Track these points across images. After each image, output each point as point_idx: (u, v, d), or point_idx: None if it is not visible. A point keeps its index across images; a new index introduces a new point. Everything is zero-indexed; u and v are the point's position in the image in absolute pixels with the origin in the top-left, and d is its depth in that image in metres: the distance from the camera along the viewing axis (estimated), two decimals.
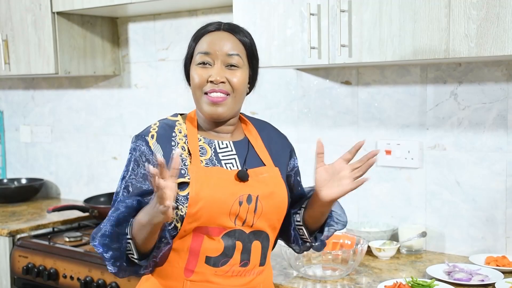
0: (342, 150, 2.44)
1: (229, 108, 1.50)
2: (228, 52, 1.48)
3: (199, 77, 1.49)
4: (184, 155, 1.48)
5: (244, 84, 1.52)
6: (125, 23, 3.08)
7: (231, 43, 1.50)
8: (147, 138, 1.48)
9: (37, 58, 2.90)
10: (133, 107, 3.11)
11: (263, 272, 1.56)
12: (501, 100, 2.10)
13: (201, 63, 1.49)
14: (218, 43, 1.49)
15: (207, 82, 1.48)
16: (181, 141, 1.50)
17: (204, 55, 1.49)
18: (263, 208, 1.49)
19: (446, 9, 1.79)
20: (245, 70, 1.52)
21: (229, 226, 1.46)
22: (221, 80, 1.47)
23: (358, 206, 2.45)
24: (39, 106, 3.51)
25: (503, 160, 2.12)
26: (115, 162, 3.20)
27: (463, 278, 1.89)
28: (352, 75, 2.40)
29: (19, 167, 3.67)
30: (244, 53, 1.52)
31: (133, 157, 1.49)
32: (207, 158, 1.50)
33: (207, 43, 1.50)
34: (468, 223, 2.21)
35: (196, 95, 1.51)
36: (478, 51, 1.75)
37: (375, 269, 2.07)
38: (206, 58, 1.49)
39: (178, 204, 1.44)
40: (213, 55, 1.48)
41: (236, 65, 1.49)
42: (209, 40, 1.50)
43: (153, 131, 1.50)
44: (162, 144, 1.48)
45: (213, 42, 1.49)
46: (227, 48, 1.49)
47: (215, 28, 1.52)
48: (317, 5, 2.02)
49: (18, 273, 2.62)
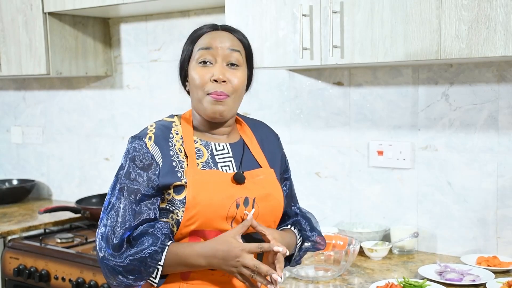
0: (334, 151, 2.47)
1: (229, 108, 1.49)
2: (230, 47, 1.48)
3: (201, 77, 1.47)
4: (181, 157, 1.47)
5: (243, 85, 1.51)
6: (117, 23, 3.07)
7: (231, 40, 1.50)
8: (145, 140, 1.46)
9: (28, 59, 2.89)
10: (125, 108, 3.10)
11: None
12: (492, 101, 2.11)
13: (202, 62, 1.47)
14: (219, 39, 1.48)
15: (210, 81, 1.46)
16: (178, 143, 1.49)
17: (206, 50, 1.47)
18: (260, 210, 1.49)
19: (438, 10, 1.79)
20: (244, 70, 1.51)
21: (226, 228, 1.45)
22: (224, 79, 1.46)
23: (350, 207, 2.45)
24: (31, 107, 3.50)
25: (494, 161, 2.13)
26: (107, 163, 3.19)
27: (455, 278, 1.90)
28: (344, 76, 2.41)
29: (10, 168, 3.65)
30: (243, 52, 1.52)
31: (129, 158, 1.47)
32: (204, 161, 1.49)
33: (207, 39, 1.49)
34: (460, 224, 2.22)
35: (198, 95, 1.48)
36: (469, 52, 1.75)
37: (367, 270, 2.08)
38: (207, 55, 1.47)
39: (174, 208, 1.44)
40: (215, 50, 1.47)
41: (236, 64, 1.49)
42: (209, 37, 1.49)
43: (150, 132, 1.48)
44: (160, 145, 1.46)
45: (214, 38, 1.49)
46: (228, 44, 1.48)
47: (212, 28, 1.52)
48: (309, 6, 2.02)
49: (9, 275, 2.61)
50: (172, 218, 1.45)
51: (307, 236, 1.62)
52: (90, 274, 2.35)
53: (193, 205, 1.42)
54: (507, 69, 2.08)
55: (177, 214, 1.44)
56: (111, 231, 1.42)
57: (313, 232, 1.63)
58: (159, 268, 1.42)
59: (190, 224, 1.43)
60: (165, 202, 1.46)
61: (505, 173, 2.12)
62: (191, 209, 1.42)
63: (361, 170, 2.41)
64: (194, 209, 1.42)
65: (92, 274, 2.34)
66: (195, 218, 1.42)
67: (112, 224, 1.43)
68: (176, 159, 1.46)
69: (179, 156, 1.47)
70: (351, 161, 2.43)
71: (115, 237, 1.42)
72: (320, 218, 2.49)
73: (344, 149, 2.44)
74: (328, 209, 2.50)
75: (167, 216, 1.46)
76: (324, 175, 2.50)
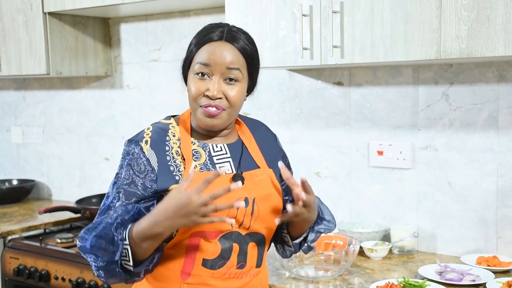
0: (334, 151, 2.47)
1: (224, 121, 1.47)
2: (228, 65, 1.44)
3: (196, 90, 1.45)
4: (178, 161, 1.47)
5: (241, 99, 1.48)
6: (117, 23, 3.07)
7: (231, 56, 1.45)
8: (141, 144, 1.46)
9: (28, 59, 2.89)
10: (125, 108, 3.10)
11: (259, 274, 1.56)
12: (492, 101, 2.11)
13: (199, 73, 1.45)
14: (219, 55, 1.44)
15: (204, 95, 1.44)
16: (175, 145, 1.48)
17: (204, 66, 1.44)
18: (260, 211, 1.49)
19: (438, 10, 1.79)
20: (243, 84, 1.48)
21: (226, 228, 1.45)
22: (218, 96, 1.43)
23: (350, 207, 2.45)
24: (31, 107, 3.50)
25: (494, 161, 2.13)
26: (107, 163, 3.19)
27: (455, 278, 1.90)
28: (344, 76, 2.41)
29: (10, 168, 3.65)
30: (245, 66, 1.47)
31: (126, 162, 1.46)
32: (201, 163, 1.48)
33: (207, 53, 1.45)
34: (460, 224, 2.22)
35: (192, 106, 1.48)
36: (469, 52, 1.75)
37: (367, 270, 2.08)
38: (205, 69, 1.44)
39: None
40: (213, 67, 1.44)
41: (235, 79, 1.45)
42: (210, 50, 1.45)
43: (147, 136, 1.47)
44: (156, 149, 1.46)
45: (213, 53, 1.44)
46: (227, 61, 1.44)
47: (217, 37, 1.46)
48: (309, 6, 2.02)
49: (9, 275, 2.61)
50: None
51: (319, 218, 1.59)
52: (90, 274, 2.35)
53: None
54: (507, 69, 2.08)
55: None
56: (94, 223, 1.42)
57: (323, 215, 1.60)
58: (127, 249, 1.37)
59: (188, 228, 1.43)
60: None
61: (505, 173, 2.12)
62: None
63: (361, 170, 2.41)
64: None
65: (92, 274, 2.34)
66: None
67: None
68: (173, 163, 1.46)
69: (176, 160, 1.46)
70: (351, 161, 2.43)
71: (92, 224, 1.42)
72: None
73: (344, 149, 2.44)
74: None
75: None
76: (324, 175, 2.50)
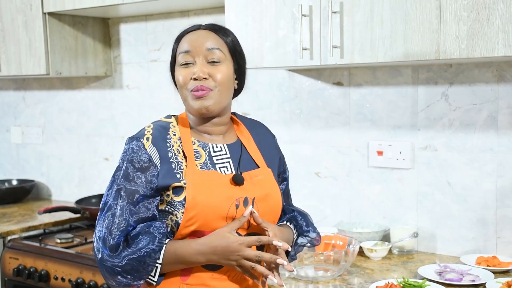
0: (334, 151, 2.47)
1: (215, 101, 1.48)
2: (208, 47, 1.48)
3: (183, 77, 1.48)
4: (180, 158, 1.47)
5: (228, 78, 1.50)
6: (117, 23, 3.07)
7: (210, 39, 1.49)
8: (143, 141, 1.46)
9: (28, 59, 2.89)
10: (125, 108, 3.10)
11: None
12: (491, 101, 2.11)
13: (184, 64, 1.49)
14: (197, 40, 1.49)
15: (191, 80, 1.47)
16: (176, 144, 1.49)
17: (185, 54, 1.49)
18: (259, 211, 1.49)
19: (437, 10, 1.79)
20: (228, 65, 1.51)
21: None
22: (204, 76, 1.46)
23: (350, 207, 2.45)
24: (30, 107, 3.50)
25: (494, 161, 2.13)
26: (107, 163, 3.19)
27: (454, 278, 1.90)
28: (344, 76, 2.41)
29: (10, 168, 3.65)
30: (226, 48, 1.51)
31: (127, 159, 1.46)
32: (202, 162, 1.49)
33: (187, 42, 1.50)
34: (459, 224, 2.22)
35: (183, 94, 1.50)
36: (469, 53, 1.75)
37: (367, 270, 2.08)
38: (188, 57, 1.48)
39: (173, 210, 1.44)
40: (194, 52, 1.48)
41: (218, 60, 1.48)
42: (188, 39, 1.50)
43: (148, 133, 1.48)
44: (157, 146, 1.46)
45: (192, 40, 1.49)
46: (207, 44, 1.48)
47: (195, 29, 1.53)
48: (308, 6, 2.02)
49: (9, 275, 2.61)
50: (172, 219, 1.45)
51: (302, 231, 1.62)
52: (89, 274, 2.35)
53: (192, 205, 1.42)
54: (506, 69, 2.08)
55: (176, 216, 1.44)
56: (107, 232, 1.42)
57: (309, 228, 1.63)
58: (157, 267, 1.42)
59: (189, 225, 1.43)
60: (164, 203, 1.46)
61: (505, 173, 2.12)
62: (191, 210, 1.42)
63: (361, 170, 2.41)
64: (193, 210, 1.42)
65: (92, 274, 2.34)
66: (194, 219, 1.42)
67: (109, 225, 1.43)
68: (174, 160, 1.46)
69: (178, 157, 1.47)
70: (351, 161, 2.43)
71: (112, 238, 1.42)
72: (320, 218, 2.49)
73: (344, 149, 2.44)
74: (327, 209, 2.50)
75: (166, 217, 1.46)
76: (323, 175, 2.50)
